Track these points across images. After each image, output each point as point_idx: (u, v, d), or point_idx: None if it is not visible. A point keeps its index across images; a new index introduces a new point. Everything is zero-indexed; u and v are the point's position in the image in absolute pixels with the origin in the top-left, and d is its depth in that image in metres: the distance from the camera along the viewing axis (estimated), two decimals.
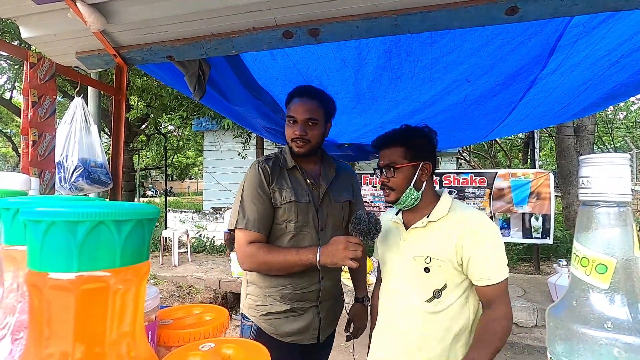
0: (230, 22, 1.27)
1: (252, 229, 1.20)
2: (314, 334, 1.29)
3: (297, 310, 1.27)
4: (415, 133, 1.17)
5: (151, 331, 0.54)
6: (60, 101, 9.11)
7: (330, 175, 1.37)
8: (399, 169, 1.13)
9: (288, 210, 1.24)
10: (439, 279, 1.09)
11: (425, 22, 1.16)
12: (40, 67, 1.47)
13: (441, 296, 1.08)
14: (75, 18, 1.21)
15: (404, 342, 1.12)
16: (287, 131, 1.29)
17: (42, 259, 0.29)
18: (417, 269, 1.11)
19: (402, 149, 1.14)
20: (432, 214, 1.13)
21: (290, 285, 1.24)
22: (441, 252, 1.08)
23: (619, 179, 0.37)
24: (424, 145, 1.17)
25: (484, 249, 1.04)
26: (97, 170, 1.74)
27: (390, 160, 1.15)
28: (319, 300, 1.29)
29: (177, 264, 5.77)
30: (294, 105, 1.28)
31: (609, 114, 10.88)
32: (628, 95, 1.97)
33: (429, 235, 1.12)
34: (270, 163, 1.29)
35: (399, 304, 1.15)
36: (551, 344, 0.40)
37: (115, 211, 0.31)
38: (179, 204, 13.52)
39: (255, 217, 1.21)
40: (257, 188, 1.23)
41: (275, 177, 1.27)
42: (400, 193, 1.14)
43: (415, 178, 1.13)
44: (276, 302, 1.25)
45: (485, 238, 1.05)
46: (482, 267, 1.04)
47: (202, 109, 5.95)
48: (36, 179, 0.70)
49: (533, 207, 4.28)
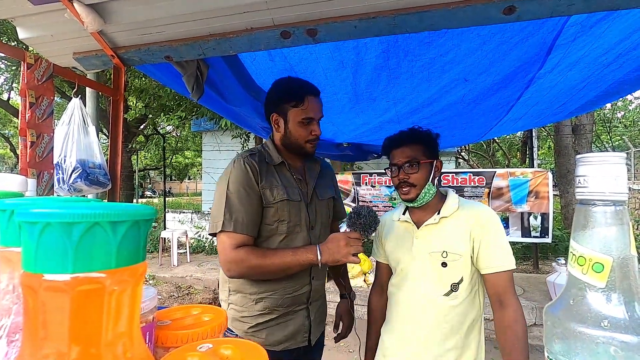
0: (228, 22, 1.27)
1: (240, 231, 1.09)
2: (305, 336, 1.24)
3: (288, 314, 1.20)
4: (428, 133, 1.24)
5: (149, 332, 0.54)
6: (58, 102, 9.09)
7: (315, 172, 1.32)
8: (422, 165, 1.17)
9: (280, 209, 1.16)
10: (456, 272, 1.13)
11: (423, 22, 1.16)
12: (37, 68, 1.46)
13: (459, 289, 1.13)
14: (73, 18, 1.21)
15: (423, 337, 1.15)
16: (301, 132, 1.20)
17: (37, 260, 0.29)
18: (434, 265, 1.15)
19: (422, 147, 1.20)
20: (443, 210, 1.18)
21: (282, 289, 1.17)
22: (457, 245, 1.13)
23: (615, 178, 0.37)
24: (435, 145, 1.24)
25: (494, 237, 1.11)
26: (95, 171, 1.74)
27: (411, 157, 1.18)
28: (309, 301, 1.25)
29: (176, 264, 5.76)
30: (311, 103, 1.19)
31: (607, 112, 10.90)
32: (625, 93, 1.99)
33: (442, 231, 1.16)
34: (256, 158, 1.18)
35: (417, 300, 1.17)
36: (548, 343, 0.40)
37: (111, 212, 0.30)
38: (177, 204, 13.52)
39: (244, 218, 1.10)
40: (245, 186, 1.12)
41: (264, 173, 1.17)
42: (420, 189, 1.18)
43: (432, 175, 1.19)
44: (265, 310, 1.17)
45: (494, 228, 1.12)
46: (492, 254, 1.09)
47: (200, 110, 5.95)
48: (33, 180, 0.70)
49: (532, 206, 4.28)
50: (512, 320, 1.04)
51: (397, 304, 1.23)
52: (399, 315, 1.22)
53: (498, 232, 1.12)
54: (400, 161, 1.19)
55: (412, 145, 1.19)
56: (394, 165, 1.21)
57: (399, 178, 1.20)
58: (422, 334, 1.15)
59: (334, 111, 2.30)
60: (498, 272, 1.08)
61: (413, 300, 1.18)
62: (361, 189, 4.91)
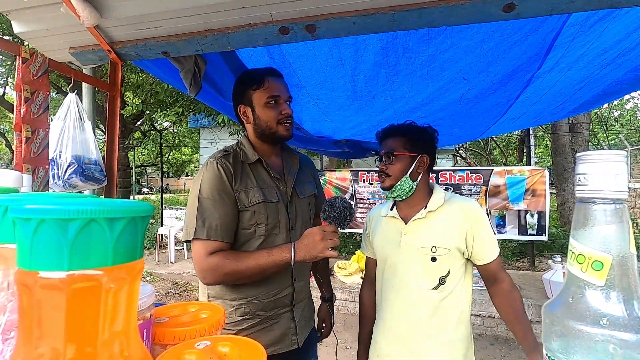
0: (226, 18, 1.26)
1: (214, 238, 1.03)
2: (293, 339, 1.18)
3: (271, 318, 1.15)
4: (417, 127, 1.25)
5: (146, 329, 0.53)
6: (54, 97, 9.01)
7: (295, 168, 1.25)
8: (397, 157, 1.21)
9: (257, 212, 1.09)
10: (444, 266, 1.16)
11: (422, 19, 1.15)
12: (33, 63, 1.44)
13: (446, 282, 1.16)
14: (69, 13, 1.19)
15: (415, 333, 1.17)
16: (269, 113, 1.13)
17: (32, 257, 0.28)
18: (423, 260, 1.17)
19: (403, 140, 1.22)
20: (430, 205, 1.20)
21: (263, 293, 1.12)
22: (446, 239, 1.15)
23: (615, 176, 0.37)
24: (424, 140, 1.24)
25: (485, 231, 1.16)
26: (91, 167, 1.72)
27: (389, 148, 1.22)
28: (293, 303, 1.19)
29: (173, 261, 5.76)
30: (274, 83, 1.13)
31: (604, 111, 10.96)
32: (623, 93, 1.99)
33: (430, 225, 1.18)
34: (231, 159, 1.12)
35: (407, 296, 1.19)
36: (547, 341, 0.40)
37: (108, 208, 0.30)
38: (175, 201, 13.47)
39: (218, 224, 1.04)
40: (219, 190, 1.06)
41: (239, 175, 1.11)
42: (395, 180, 1.20)
43: (412, 169, 1.20)
44: (247, 316, 1.12)
45: (484, 222, 1.17)
46: (486, 246, 1.16)
47: (197, 105, 5.92)
48: (28, 176, 0.69)
49: (528, 204, 4.30)
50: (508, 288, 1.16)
51: (387, 300, 1.24)
52: (389, 312, 1.23)
53: (487, 225, 1.18)
54: (381, 152, 1.25)
55: (393, 137, 1.23)
56: (378, 156, 1.28)
57: (379, 167, 1.25)
58: (414, 330, 1.17)
59: (333, 108, 2.29)
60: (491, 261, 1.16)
61: (403, 296, 1.19)
62: (359, 186, 4.92)
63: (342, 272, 4.47)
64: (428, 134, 1.25)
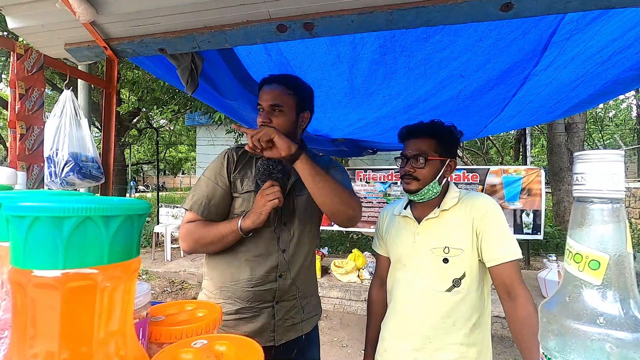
0: (223, 15, 1.25)
1: (195, 211, 1.17)
2: (271, 336, 1.19)
3: (252, 310, 1.17)
4: (447, 129, 1.18)
5: (142, 328, 0.53)
6: (49, 94, 8.93)
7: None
8: (430, 161, 1.14)
9: (246, 200, 1.18)
10: (458, 267, 1.10)
11: (420, 17, 1.15)
12: (27, 59, 1.43)
13: (461, 285, 1.10)
14: (64, 8, 1.18)
15: (425, 332, 1.13)
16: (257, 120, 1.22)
17: (25, 255, 0.28)
18: (435, 261, 1.13)
19: (434, 142, 1.15)
20: (443, 204, 1.16)
21: (244, 281, 1.17)
22: (459, 240, 1.10)
23: (612, 176, 0.37)
24: (454, 143, 1.19)
25: (494, 227, 1.07)
26: (88, 164, 1.71)
27: (421, 151, 1.15)
28: (276, 300, 1.20)
29: (169, 259, 5.74)
30: (261, 93, 1.23)
31: (599, 112, 11.04)
32: (618, 93, 2.00)
33: (443, 225, 1.14)
34: (240, 151, 1.25)
35: (418, 296, 1.15)
36: (544, 339, 0.41)
37: (103, 206, 0.30)
38: (171, 199, 13.42)
39: (202, 202, 1.17)
40: (215, 173, 1.21)
41: (241, 164, 1.23)
42: (423, 185, 1.14)
43: (440, 173, 1.15)
44: (229, 300, 1.17)
45: (495, 217, 1.09)
46: (495, 245, 1.06)
47: (194, 103, 5.89)
48: (23, 173, 0.68)
49: (524, 203, 4.33)
50: (525, 314, 1.00)
51: (398, 299, 1.22)
52: (399, 311, 1.20)
53: (499, 221, 1.08)
54: (410, 153, 1.16)
55: (425, 138, 1.15)
56: (403, 155, 1.19)
57: (405, 170, 1.17)
58: (424, 329, 1.13)
59: (330, 106, 2.29)
60: (503, 264, 1.04)
61: (414, 296, 1.17)
62: (355, 185, 4.92)
63: (339, 271, 4.47)
64: (456, 137, 1.19)
